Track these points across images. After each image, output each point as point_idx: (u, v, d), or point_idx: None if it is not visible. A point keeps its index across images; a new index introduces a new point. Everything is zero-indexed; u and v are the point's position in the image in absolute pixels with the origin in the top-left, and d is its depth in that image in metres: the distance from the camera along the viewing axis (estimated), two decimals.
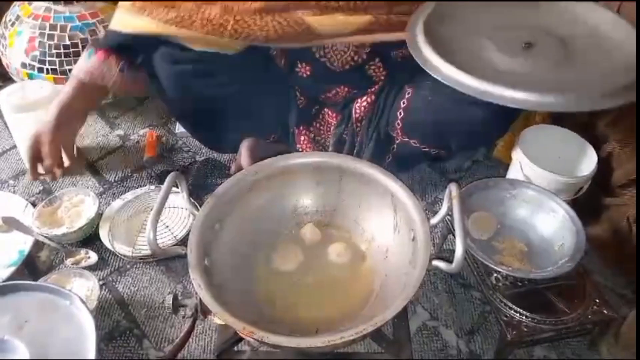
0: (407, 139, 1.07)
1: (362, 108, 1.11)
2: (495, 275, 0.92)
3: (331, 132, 1.16)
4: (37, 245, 1.11)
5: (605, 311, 0.88)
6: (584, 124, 1.18)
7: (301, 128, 1.17)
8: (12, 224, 1.09)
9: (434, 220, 0.79)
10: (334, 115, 1.15)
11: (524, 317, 0.87)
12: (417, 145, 1.06)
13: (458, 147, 1.07)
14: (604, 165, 1.08)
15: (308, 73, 1.09)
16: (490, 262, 0.88)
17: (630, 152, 1.06)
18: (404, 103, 1.05)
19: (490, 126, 1.03)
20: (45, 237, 1.09)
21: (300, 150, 1.17)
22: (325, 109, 1.16)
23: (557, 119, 1.20)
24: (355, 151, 1.13)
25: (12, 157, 1.36)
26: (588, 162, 1.08)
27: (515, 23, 0.97)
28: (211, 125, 1.18)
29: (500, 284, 0.91)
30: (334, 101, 1.14)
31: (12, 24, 1.36)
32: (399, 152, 1.10)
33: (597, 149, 1.11)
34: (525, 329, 0.86)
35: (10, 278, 1.01)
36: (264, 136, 1.21)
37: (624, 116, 1.10)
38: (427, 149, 1.06)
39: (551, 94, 0.79)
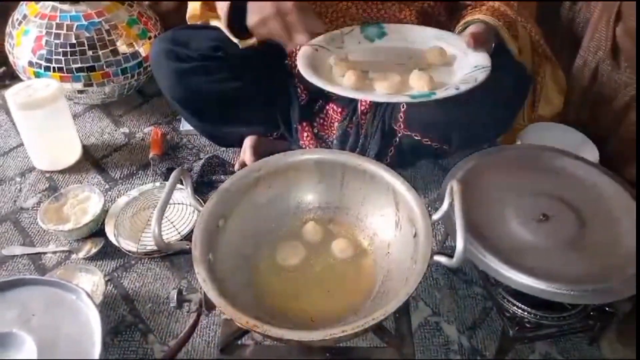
0: (409, 133, 1.07)
1: (369, 100, 1.12)
2: None
3: (335, 127, 1.17)
4: (44, 241, 1.13)
5: (606, 308, 0.88)
6: (586, 121, 1.19)
7: (304, 124, 1.17)
8: None
9: (436, 216, 0.80)
10: (339, 110, 1.16)
11: (526, 313, 0.87)
12: (419, 138, 1.07)
13: (460, 143, 1.08)
14: (607, 162, 1.09)
15: None
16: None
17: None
18: None
19: (492, 122, 1.03)
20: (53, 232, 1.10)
21: (303, 146, 1.18)
22: (329, 104, 1.17)
23: (560, 116, 1.21)
24: (359, 144, 1.13)
25: (19, 155, 1.37)
26: (590, 159, 1.09)
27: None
28: (214, 121, 1.19)
29: None
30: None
31: (20, 23, 1.37)
32: (401, 145, 1.11)
33: (599, 145, 1.11)
34: (527, 325, 0.87)
35: None
36: (267, 133, 1.22)
37: (629, 114, 1.10)
38: (428, 143, 1.07)
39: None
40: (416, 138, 1.08)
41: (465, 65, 0.96)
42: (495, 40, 1.01)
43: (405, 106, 1.07)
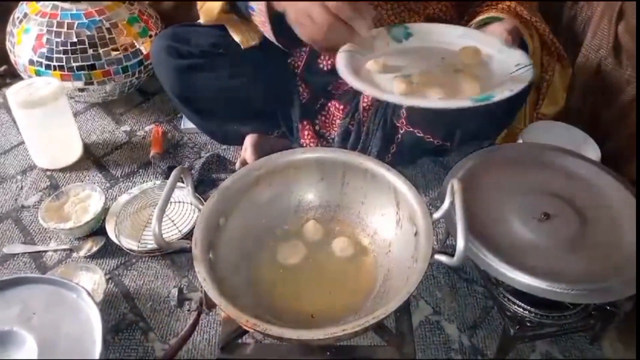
0: (411, 129, 1.07)
1: (370, 97, 1.12)
2: None
3: (336, 124, 1.17)
4: (45, 239, 1.13)
5: (607, 307, 0.88)
6: (588, 119, 1.19)
7: (305, 123, 1.17)
8: None
9: (437, 215, 0.79)
10: (341, 107, 1.16)
11: (526, 312, 0.87)
12: (421, 135, 1.07)
13: (461, 139, 1.08)
14: (610, 162, 1.08)
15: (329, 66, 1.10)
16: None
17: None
18: None
19: (493, 118, 1.03)
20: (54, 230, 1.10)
21: (303, 144, 1.18)
22: (331, 102, 1.17)
23: (561, 114, 1.20)
24: (361, 141, 1.13)
25: (20, 153, 1.37)
26: (591, 157, 1.08)
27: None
28: (215, 118, 1.19)
29: None
30: (343, 91, 1.14)
31: (20, 22, 1.37)
32: (403, 142, 1.10)
33: (601, 144, 1.11)
34: (528, 324, 0.87)
35: None
36: (268, 131, 1.22)
37: (631, 112, 1.10)
38: (430, 140, 1.07)
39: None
40: (418, 135, 1.08)
41: (503, 63, 0.93)
42: None
43: None
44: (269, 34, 0.94)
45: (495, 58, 0.95)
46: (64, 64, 1.34)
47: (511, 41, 0.94)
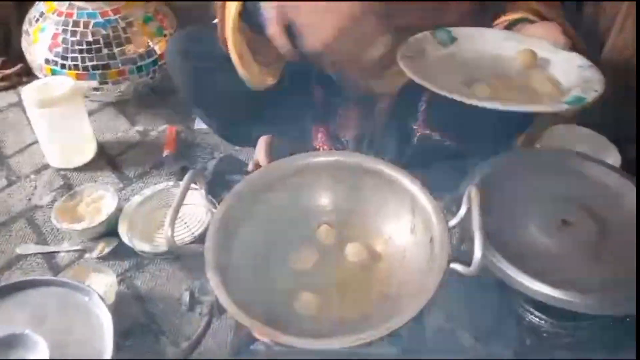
0: (428, 132, 1.06)
1: (386, 100, 1.11)
2: None
3: (351, 127, 1.16)
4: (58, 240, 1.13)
5: (626, 318, 0.86)
6: (607, 124, 1.16)
7: (319, 125, 1.17)
8: None
9: (452, 222, 0.78)
10: (355, 110, 1.15)
11: (543, 322, 0.85)
12: (438, 138, 1.05)
13: (479, 142, 1.06)
14: (631, 167, 1.06)
15: None
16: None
17: None
18: (426, 96, 1.05)
19: (513, 120, 1.01)
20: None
21: (317, 147, 1.17)
22: (345, 105, 1.16)
23: (580, 117, 1.18)
24: (376, 145, 1.12)
25: (34, 152, 1.38)
26: (611, 163, 1.06)
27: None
28: (229, 120, 1.19)
29: None
30: (357, 94, 1.13)
31: (37, 21, 1.38)
32: (419, 145, 1.09)
33: (621, 149, 1.09)
34: (544, 334, 0.85)
35: None
36: (282, 134, 1.21)
37: None
38: (447, 143, 1.05)
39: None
40: (435, 138, 1.06)
41: (562, 65, 0.89)
42: None
43: (424, 105, 1.05)
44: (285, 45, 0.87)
45: (551, 61, 0.91)
46: (79, 63, 1.34)
47: (569, 44, 0.89)
